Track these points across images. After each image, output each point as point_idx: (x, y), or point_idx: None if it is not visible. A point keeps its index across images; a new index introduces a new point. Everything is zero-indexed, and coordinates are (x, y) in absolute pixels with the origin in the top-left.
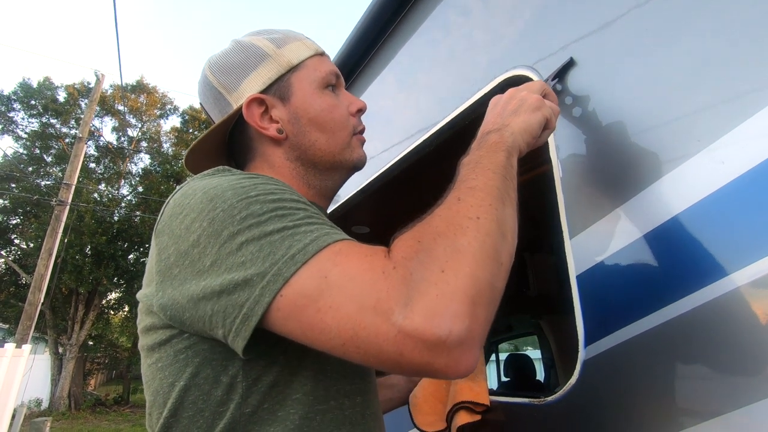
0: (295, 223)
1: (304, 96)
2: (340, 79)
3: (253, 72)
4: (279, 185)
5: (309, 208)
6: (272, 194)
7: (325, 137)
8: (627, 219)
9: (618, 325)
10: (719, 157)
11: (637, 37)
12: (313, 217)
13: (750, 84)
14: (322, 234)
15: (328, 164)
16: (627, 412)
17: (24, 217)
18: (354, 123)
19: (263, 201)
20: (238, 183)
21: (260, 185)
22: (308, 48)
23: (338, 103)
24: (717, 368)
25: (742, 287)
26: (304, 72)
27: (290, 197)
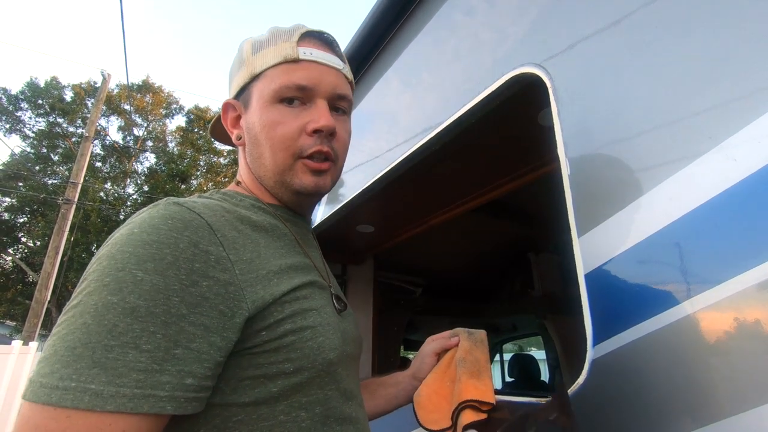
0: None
1: (255, 108)
2: (307, 91)
3: (235, 76)
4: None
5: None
6: (132, 312)
7: (268, 154)
8: (636, 217)
9: (627, 325)
10: (732, 155)
11: (648, 32)
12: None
13: (763, 81)
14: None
15: (272, 182)
16: (636, 412)
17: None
18: (304, 144)
19: (117, 313)
20: (123, 281)
21: (144, 290)
22: (277, 54)
23: (287, 121)
24: (728, 369)
25: (754, 286)
26: (262, 82)
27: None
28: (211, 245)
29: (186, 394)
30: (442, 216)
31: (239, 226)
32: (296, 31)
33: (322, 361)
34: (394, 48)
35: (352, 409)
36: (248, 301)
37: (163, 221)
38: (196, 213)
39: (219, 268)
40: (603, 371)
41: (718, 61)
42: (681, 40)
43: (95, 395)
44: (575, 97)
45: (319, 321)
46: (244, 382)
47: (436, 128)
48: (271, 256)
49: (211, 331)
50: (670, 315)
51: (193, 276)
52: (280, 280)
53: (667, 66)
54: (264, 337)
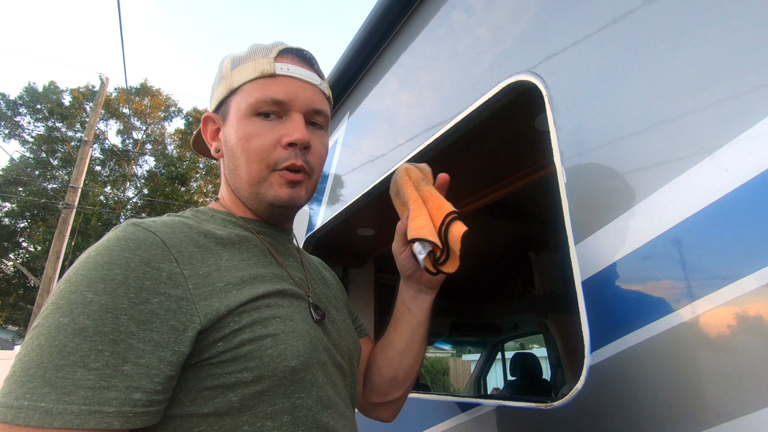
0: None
1: (231, 121)
2: (282, 105)
3: (215, 91)
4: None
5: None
6: (82, 330)
7: (244, 166)
8: (632, 225)
9: (625, 331)
10: (723, 165)
11: (643, 41)
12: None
13: (754, 91)
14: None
15: (248, 194)
16: (634, 417)
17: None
18: (278, 156)
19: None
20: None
21: (95, 311)
22: (255, 70)
23: (262, 133)
24: (725, 374)
25: (748, 294)
26: (239, 96)
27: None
28: (164, 262)
29: (134, 409)
30: None
31: (201, 240)
32: (275, 47)
33: (284, 368)
34: (393, 51)
35: (330, 418)
36: (201, 314)
37: (117, 242)
38: (151, 232)
39: (171, 284)
40: (601, 377)
41: (711, 71)
42: (675, 49)
43: (45, 413)
44: (571, 105)
45: (282, 329)
46: (203, 393)
47: (435, 132)
48: (233, 268)
49: (161, 346)
50: (666, 321)
51: (142, 293)
52: (239, 291)
53: (661, 75)
54: (220, 347)
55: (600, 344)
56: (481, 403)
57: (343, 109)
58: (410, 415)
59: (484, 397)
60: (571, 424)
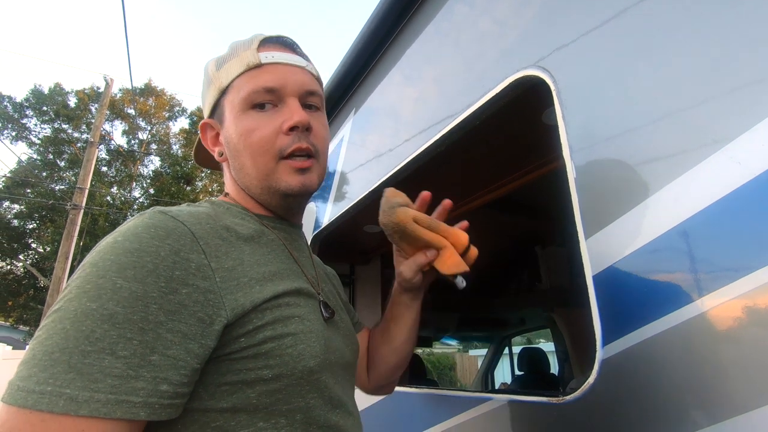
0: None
1: (229, 121)
2: (275, 92)
3: (206, 96)
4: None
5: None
6: (111, 317)
7: (249, 162)
8: (643, 219)
9: (636, 325)
10: (735, 157)
11: (652, 33)
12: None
13: (767, 83)
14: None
15: (259, 189)
16: (646, 411)
17: (40, 221)
18: (282, 144)
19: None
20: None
21: (123, 295)
22: (240, 64)
23: (261, 125)
24: (738, 367)
25: (761, 287)
26: (231, 94)
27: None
28: (193, 253)
29: (160, 401)
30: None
31: (224, 234)
32: (254, 39)
33: (302, 368)
34: (398, 47)
35: (339, 417)
36: (227, 308)
37: (146, 230)
38: (179, 221)
39: (199, 276)
40: (612, 371)
41: (722, 62)
42: (684, 40)
43: (70, 399)
44: (579, 99)
45: (301, 328)
46: (222, 388)
47: (442, 129)
48: (254, 263)
49: (188, 338)
50: (678, 315)
51: (172, 283)
52: (262, 287)
53: (671, 67)
54: (243, 343)
55: (611, 338)
56: (492, 398)
57: (348, 106)
58: (421, 411)
59: (495, 392)
60: (583, 419)
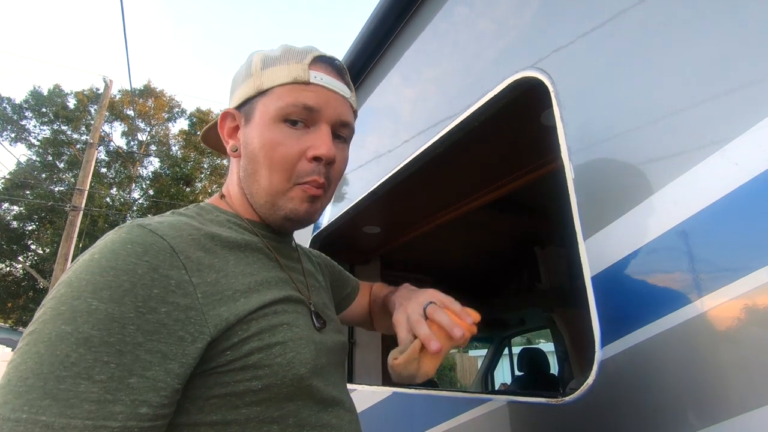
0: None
1: (257, 123)
2: (316, 113)
3: (239, 87)
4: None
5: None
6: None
7: (264, 173)
8: (641, 220)
9: (635, 326)
10: (733, 159)
11: (650, 34)
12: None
13: (764, 83)
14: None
15: (263, 201)
16: (645, 412)
17: (39, 223)
18: (302, 170)
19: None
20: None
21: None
22: (288, 74)
23: (289, 142)
24: (736, 368)
25: (760, 287)
26: (269, 99)
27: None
28: (172, 269)
29: (140, 424)
30: (448, 215)
31: (207, 244)
32: (309, 53)
33: (293, 377)
34: (398, 48)
35: (332, 416)
36: (210, 324)
37: (123, 246)
38: (158, 236)
39: (179, 293)
40: (611, 372)
41: (719, 63)
42: (683, 42)
43: (45, 427)
44: (578, 101)
45: (290, 336)
46: (210, 401)
47: (440, 129)
48: (239, 273)
49: (168, 359)
50: (677, 316)
51: (150, 302)
52: (247, 299)
53: (669, 68)
54: (229, 356)
55: (610, 339)
56: (491, 399)
57: None
58: (420, 412)
59: (494, 393)
60: (582, 420)
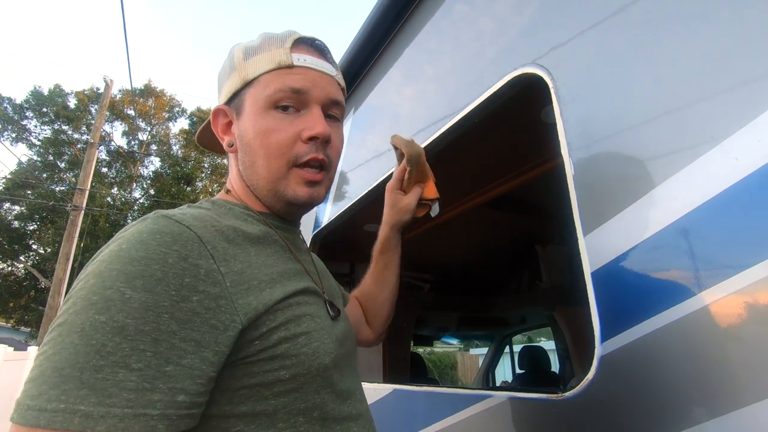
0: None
1: (248, 114)
2: (302, 95)
3: (226, 82)
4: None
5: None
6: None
7: (261, 162)
8: (640, 216)
9: (635, 322)
10: (732, 154)
11: (650, 30)
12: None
13: (764, 78)
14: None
15: (266, 191)
16: (645, 407)
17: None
18: (298, 151)
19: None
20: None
21: (132, 308)
22: (271, 60)
23: (281, 127)
24: (736, 363)
25: (760, 282)
26: (256, 88)
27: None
28: (201, 258)
29: (178, 412)
30: (449, 213)
31: (230, 235)
32: (289, 37)
33: (318, 366)
34: (397, 46)
35: (352, 407)
36: (240, 313)
37: (152, 236)
38: (185, 226)
39: (209, 282)
40: (611, 368)
41: (719, 60)
42: (682, 37)
43: (85, 416)
44: (577, 97)
45: (313, 326)
46: (240, 392)
47: (440, 127)
48: (262, 264)
49: (202, 347)
50: (677, 311)
51: (182, 291)
52: (272, 289)
53: (669, 64)
54: (258, 346)
55: (610, 335)
56: (492, 395)
57: (348, 105)
58: (421, 408)
59: (495, 389)
60: (582, 415)
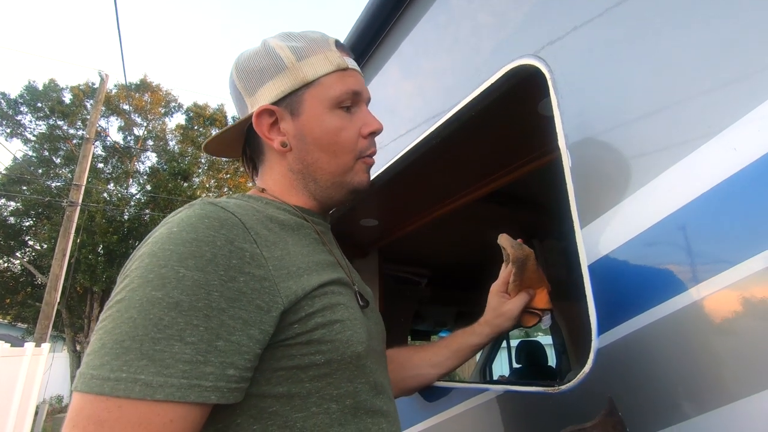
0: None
1: (312, 114)
2: (359, 96)
3: (270, 81)
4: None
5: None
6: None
7: (328, 158)
8: (638, 208)
9: (631, 314)
10: (731, 144)
11: (648, 21)
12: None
13: (763, 68)
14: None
15: (329, 183)
16: (641, 400)
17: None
18: (362, 146)
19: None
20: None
21: (188, 285)
22: (329, 63)
23: (347, 125)
24: (732, 355)
25: (756, 273)
26: (318, 89)
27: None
28: (246, 243)
29: (228, 385)
30: (446, 207)
31: (269, 224)
32: (328, 40)
33: (351, 353)
34: (394, 39)
35: (383, 402)
36: (282, 295)
37: (200, 220)
38: (230, 212)
39: (254, 265)
40: (608, 360)
41: (717, 50)
42: (680, 28)
43: (145, 385)
44: (575, 88)
45: (347, 315)
46: (278, 373)
47: (437, 121)
48: (299, 253)
49: (249, 325)
50: (674, 303)
51: (230, 272)
52: (310, 276)
53: (667, 55)
54: (296, 329)
55: (606, 328)
56: (489, 389)
57: None
58: (418, 402)
59: (492, 383)
60: (579, 408)
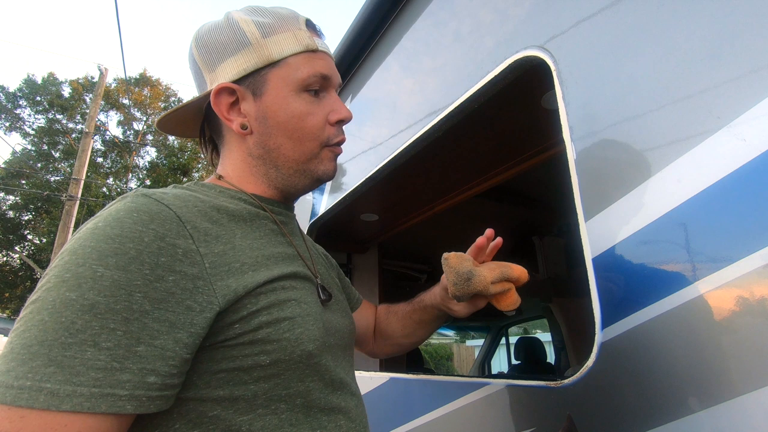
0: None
1: (276, 96)
2: (328, 80)
3: (231, 57)
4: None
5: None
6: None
7: (291, 144)
8: (644, 200)
9: (635, 308)
10: (740, 134)
11: (654, 11)
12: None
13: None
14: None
15: (292, 170)
16: (644, 394)
17: (36, 212)
18: (329, 134)
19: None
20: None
21: (108, 286)
22: (297, 42)
23: (314, 111)
24: (736, 350)
25: (763, 266)
26: (284, 70)
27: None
28: (179, 238)
29: (148, 393)
30: (446, 203)
31: (214, 215)
32: (298, 18)
33: (301, 352)
34: (395, 33)
35: (341, 399)
36: (219, 295)
37: (128, 214)
38: (164, 204)
39: (187, 262)
40: (611, 354)
41: (725, 39)
42: (687, 18)
43: (51, 394)
44: (580, 80)
45: (298, 312)
46: (218, 375)
47: (438, 114)
48: (247, 247)
49: (176, 328)
50: (679, 297)
51: (158, 270)
52: (255, 272)
53: (674, 45)
54: (237, 329)
55: (610, 321)
56: (490, 383)
57: (344, 94)
58: (416, 397)
59: (493, 377)
60: (580, 403)
